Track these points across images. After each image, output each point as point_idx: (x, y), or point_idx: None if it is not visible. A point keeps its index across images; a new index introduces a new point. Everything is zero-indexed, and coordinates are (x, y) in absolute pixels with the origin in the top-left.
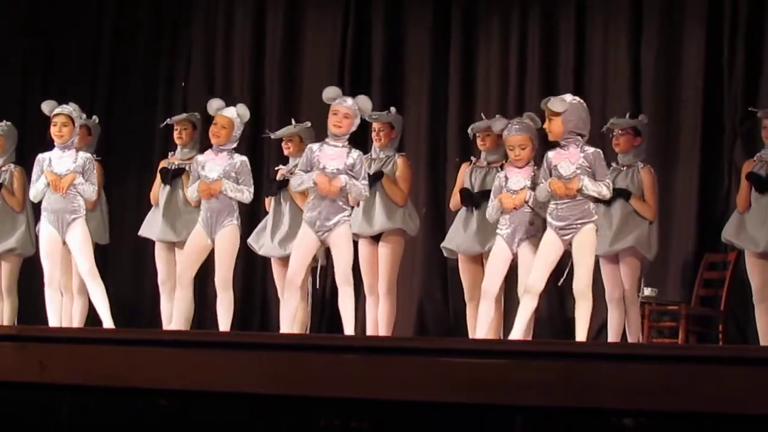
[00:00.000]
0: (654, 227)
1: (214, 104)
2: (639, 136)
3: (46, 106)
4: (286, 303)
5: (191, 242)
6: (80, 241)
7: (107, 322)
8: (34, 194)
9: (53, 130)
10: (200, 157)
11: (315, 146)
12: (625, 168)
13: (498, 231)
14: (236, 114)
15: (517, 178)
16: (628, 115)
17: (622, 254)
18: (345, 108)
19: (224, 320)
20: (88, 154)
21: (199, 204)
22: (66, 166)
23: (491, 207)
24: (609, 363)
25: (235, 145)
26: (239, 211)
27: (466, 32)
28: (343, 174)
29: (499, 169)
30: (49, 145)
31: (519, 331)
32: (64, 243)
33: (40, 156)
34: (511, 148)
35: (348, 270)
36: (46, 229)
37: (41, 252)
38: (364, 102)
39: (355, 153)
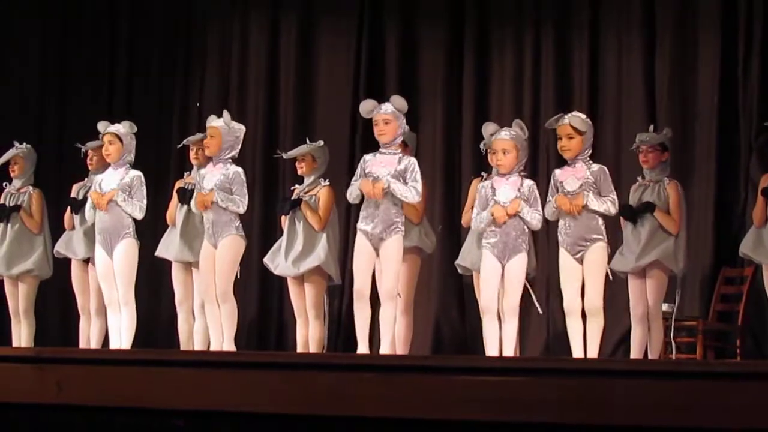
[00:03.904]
0: (681, 241)
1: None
2: (666, 151)
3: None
4: (359, 314)
5: (204, 260)
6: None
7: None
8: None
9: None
10: (202, 170)
11: (368, 156)
12: (652, 183)
13: (485, 243)
14: (223, 122)
15: (505, 188)
16: (651, 128)
17: (649, 269)
18: (383, 115)
19: (228, 331)
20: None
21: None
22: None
23: (479, 218)
24: (626, 380)
25: (230, 154)
26: (244, 222)
27: (480, 49)
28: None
29: None
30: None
31: (581, 351)
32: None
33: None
34: (494, 152)
35: (391, 284)
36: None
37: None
38: (398, 101)
39: (408, 159)
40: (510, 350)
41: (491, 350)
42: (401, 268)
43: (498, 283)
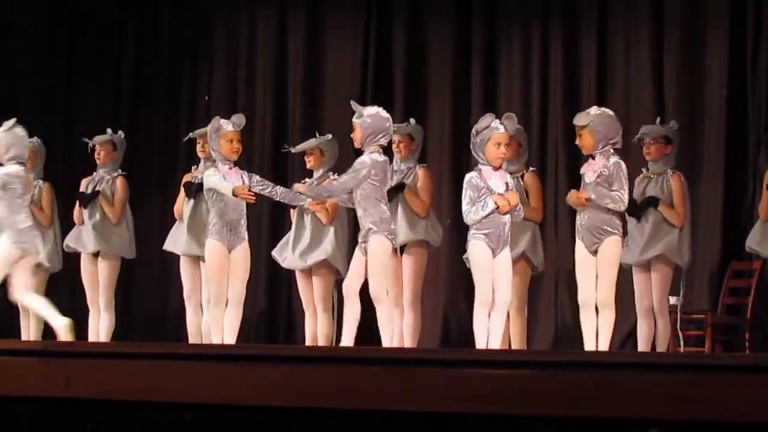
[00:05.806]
0: (686, 234)
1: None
2: (669, 144)
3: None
4: (346, 310)
5: (217, 259)
6: None
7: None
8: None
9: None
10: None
11: None
12: (655, 176)
13: (479, 234)
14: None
15: (495, 180)
16: (658, 120)
17: (653, 262)
18: (353, 123)
19: (230, 335)
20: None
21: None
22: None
23: (474, 210)
24: (633, 372)
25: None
26: (254, 217)
27: (488, 44)
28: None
29: (521, 179)
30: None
31: (594, 344)
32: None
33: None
34: (498, 145)
35: (376, 287)
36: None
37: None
38: (353, 107)
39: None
40: (497, 343)
41: (481, 343)
42: (407, 261)
43: (492, 273)
